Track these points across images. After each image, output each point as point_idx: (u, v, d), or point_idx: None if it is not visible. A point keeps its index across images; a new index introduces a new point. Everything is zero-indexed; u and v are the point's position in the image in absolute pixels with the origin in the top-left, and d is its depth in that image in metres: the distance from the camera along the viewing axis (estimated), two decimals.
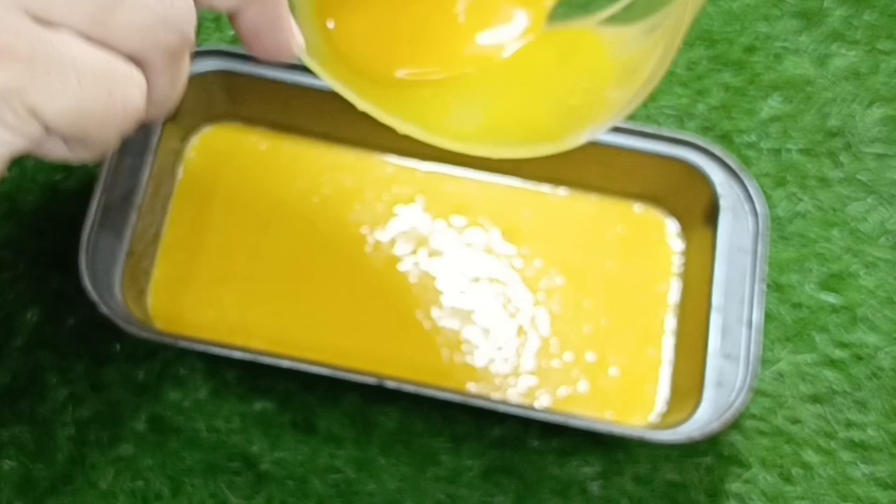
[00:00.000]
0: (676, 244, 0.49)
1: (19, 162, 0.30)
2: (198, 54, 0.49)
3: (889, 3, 0.55)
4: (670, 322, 0.47)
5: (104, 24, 0.25)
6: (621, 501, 0.44)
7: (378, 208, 0.49)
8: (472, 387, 0.45)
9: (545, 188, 0.50)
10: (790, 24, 0.55)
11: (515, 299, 0.47)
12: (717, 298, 0.44)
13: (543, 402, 0.45)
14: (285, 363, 0.42)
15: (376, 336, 0.46)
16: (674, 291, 0.48)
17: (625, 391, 0.46)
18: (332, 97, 0.37)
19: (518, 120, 0.37)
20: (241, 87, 0.48)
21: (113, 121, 0.26)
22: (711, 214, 0.47)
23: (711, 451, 0.45)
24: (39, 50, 0.24)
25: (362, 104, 0.35)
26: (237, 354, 0.42)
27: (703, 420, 0.42)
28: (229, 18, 0.29)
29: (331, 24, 0.37)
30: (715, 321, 0.44)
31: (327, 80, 0.35)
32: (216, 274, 0.47)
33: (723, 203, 0.46)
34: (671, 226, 0.49)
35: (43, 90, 0.25)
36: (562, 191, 0.50)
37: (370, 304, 0.47)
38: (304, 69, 0.34)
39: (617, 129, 0.46)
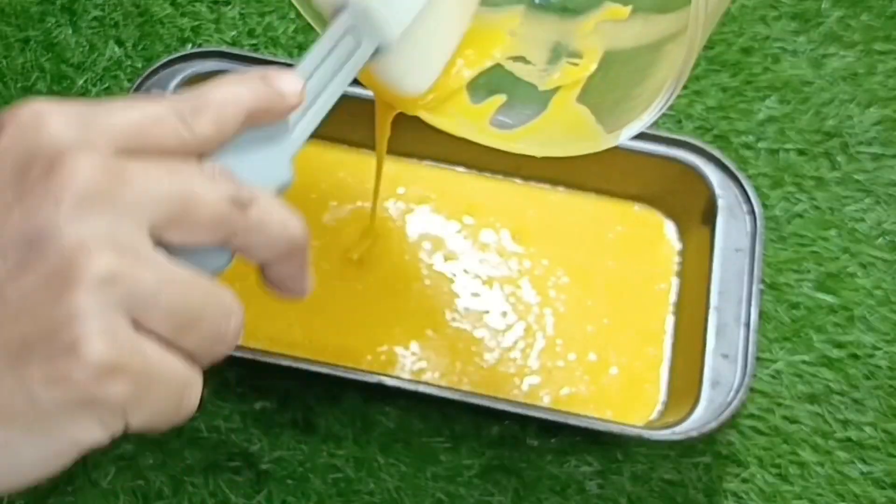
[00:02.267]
0: (675, 244, 0.49)
1: None
2: (198, 55, 0.49)
3: (885, 5, 0.56)
4: (670, 321, 0.47)
5: (184, 333, 0.26)
6: (619, 500, 0.44)
7: (382, 207, 0.49)
8: (475, 387, 0.45)
9: (545, 187, 0.50)
10: (787, 26, 0.55)
11: (525, 299, 0.48)
12: (714, 298, 0.45)
13: (546, 401, 0.45)
14: (285, 362, 0.42)
15: (376, 336, 0.46)
16: (674, 291, 0.48)
17: (625, 390, 0.46)
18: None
19: (558, 119, 0.38)
20: None
21: (175, 419, 0.26)
22: (709, 215, 0.47)
23: (709, 450, 0.45)
24: (143, 364, 0.24)
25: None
26: (237, 354, 0.43)
27: (700, 419, 0.42)
28: (258, 268, 0.30)
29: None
30: (712, 321, 0.44)
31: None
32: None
33: (720, 203, 0.47)
34: (669, 226, 0.49)
35: (142, 402, 0.25)
36: (561, 190, 0.50)
37: (370, 303, 0.47)
38: None
39: None
